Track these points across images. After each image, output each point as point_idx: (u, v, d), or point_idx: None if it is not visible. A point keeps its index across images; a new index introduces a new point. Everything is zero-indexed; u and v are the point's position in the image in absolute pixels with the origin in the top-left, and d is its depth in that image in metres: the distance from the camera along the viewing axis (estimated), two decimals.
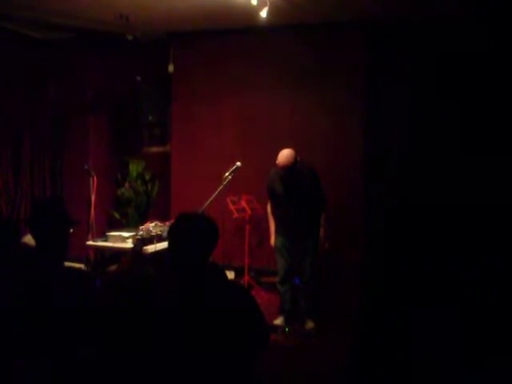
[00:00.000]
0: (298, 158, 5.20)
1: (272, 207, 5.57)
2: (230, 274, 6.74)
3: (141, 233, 5.30)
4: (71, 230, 2.80)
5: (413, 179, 6.73)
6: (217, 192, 5.20)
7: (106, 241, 5.51)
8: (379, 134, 6.91)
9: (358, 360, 4.43)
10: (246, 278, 6.37)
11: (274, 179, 5.39)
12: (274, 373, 4.25)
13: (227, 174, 5.30)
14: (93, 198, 6.01)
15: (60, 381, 2.42)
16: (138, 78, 7.38)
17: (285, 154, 5.17)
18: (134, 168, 7.69)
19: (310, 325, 5.44)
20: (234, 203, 6.34)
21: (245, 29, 6.70)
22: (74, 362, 2.43)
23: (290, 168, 5.16)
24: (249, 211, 6.30)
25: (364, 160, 6.61)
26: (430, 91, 6.72)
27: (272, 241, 5.57)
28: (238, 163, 5.36)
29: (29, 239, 3.01)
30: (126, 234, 5.47)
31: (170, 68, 7.15)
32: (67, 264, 2.88)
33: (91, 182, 6.05)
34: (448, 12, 6.09)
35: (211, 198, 5.15)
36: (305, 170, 5.31)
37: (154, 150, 8.01)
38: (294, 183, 5.28)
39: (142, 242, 5.20)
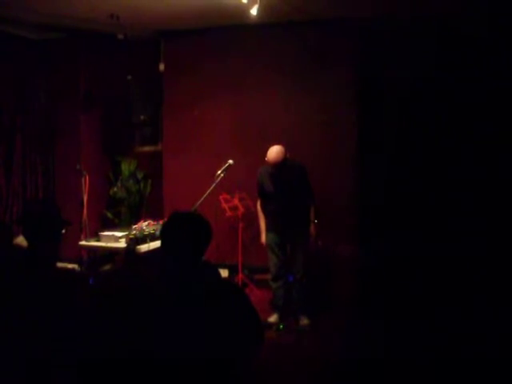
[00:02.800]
0: (288, 155, 5.20)
1: (262, 204, 5.57)
2: (224, 272, 6.74)
3: (134, 232, 5.29)
4: (63, 231, 2.80)
5: (406, 175, 6.74)
6: (209, 190, 5.20)
7: (98, 241, 5.49)
8: (372, 131, 6.92)
9: (353, 356, 4.44)
10: (240, 275, 6.38)
11: (264, 176, 5.39)
12: (268, 370, 4.26)
13: (219, 171, 5.29)
14: (85, 197, 6.00)
15: (56, 382, 2.42)
16: (129, 77, 7.37)
17: (275, 151, 5.17)
18: (126, 167, 7.68)
19: (304, 321, 5.45)
20: (226, 201, 6.34)
21: (236, 27, 6.69)
22: (69, 363, 2.43)
23: (280, 164, 5.17)
24: (242, 209, 6.30)
25: (357, 156, 6.62)
26: (423, 88, 6.73)
27: (262, 238, 5.57)
28: (231, 161, 5.36)
29: (21, 240, 3.01)
30: (118, 234, 5.45)
31: (161, 67, 7.14)
32: (60, 264, 2.88)
33: (83, 181, 6.03)
34: (438, 11, 6.11)
35: (204, 197, 5.14)
36: (294, 167, 5.31)
37: (146, 149, 8.00)
38: (283, 179, 5.28)
39: (135, 241, 5.20)
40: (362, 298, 5.85)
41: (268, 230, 5.50)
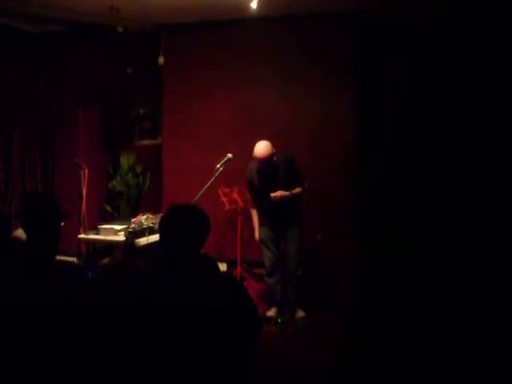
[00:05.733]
0: (274, 149, 5.17)
1: (253, 200, 5.55)
2: (223, 266, 6.76)
3: (133, 225, 5.29)
4: (62, 224, 2.80)
5: (405, 168, 6.76)
6: (208, 184, 5.19)
7: (97, 234, 5.52)
8: (370, 124, 6.93)
9: (350, 350, 4.44)
10: (239, 269, 6.38)
11: (253, 172, 5.36)
12: (266, 364, 4.26)
13: (219, 165, 5.27)
14: (84, 191, 5.99)
15: (57, 379, 2.42)
16: (129, 71, 7.35)
17: (262, 146, 5.12)
18: (125, 161, 7.67)
19: (299, 314, 5.44)
20: (225, 195, 6.34)
21: (235, 20, 6.68)
22: (69, 359, 2.43)
23: (268, 160, 5.13)
24: (241, 203, 6.30)
25: (356, 150, 6.62)
26: (420, 81, 6.74)
27: (256, 235, 5.54)
28: (230, 155, 5.34)
29: (20, 233, 3.01)
30: (117, 227, 5.48)
31: (161, 60, 7.12)
32: (59, 257, 2.88)
33: (82, 175, 6.02)
34: (434, 7, 6.10)
35: (203, 190, 5.14)
36: (281, 160, 5.24)
37: (146, 142, 8.00)
38: (272, 174, 5.23)
39: (133, 234, 5.20)
40: (360, 291, 5.85)
41: (261, 224, 5.48)
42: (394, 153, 6.87)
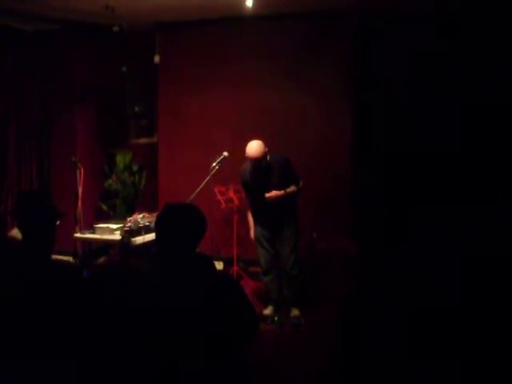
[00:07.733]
0: (267, 149, 5.16)
1: (248, 200, 5.54)
2: (219, 265, 6.75)
3: (129, 224, 5.28)
4: (58, 222, 2.79)
5: (402, 168, 6.76)
6: (204, 182, 5.18)
7: (93, 233, 5.51)
8: (367, 123, 6.93)
9: (345, 349, 4.44)
10: (235, 268, 6.38)
11: (246, 172, 5.35)
12: (263, 362, 4.26)
13: (214, 164, 5.26)
14: (80, 190, 5.99)
15: (50, 379, 2.41)
16: (124, 69, 7.34)
17: (254, 146, 5.11)
18: (121, 159, 7.65)
19: (295, 312, 5.44)
20: (222, 194, 6.34)
21: (231, 19, 6.67)
22: (63, 358, 2.43)
23: (260, 159, 5.12)
24: (237, 201, 6.29)
25: (352, 149, 6.63)
26: (418, 78, 6.74)
27: (251, 234, 5.54)
28: (225, 153, 5.33)
29: (16, 233, 3.00)
30: (113, 226, 5.47)
31: (156, 59, 7.11)
32: (55, 257, 2.87)
33: (78, 174, 6.02)
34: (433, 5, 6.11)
35: (199, 189, 5.13)
36: (275, 160, 5.23)
37: (141, 141, 7.99)
38: (265, 175, 5.21)
39: (129, 233, 5.20)
40: (355, 290, 5.84)
41: (256, 224, 5.48)
42: (390, 152, 6.87)
